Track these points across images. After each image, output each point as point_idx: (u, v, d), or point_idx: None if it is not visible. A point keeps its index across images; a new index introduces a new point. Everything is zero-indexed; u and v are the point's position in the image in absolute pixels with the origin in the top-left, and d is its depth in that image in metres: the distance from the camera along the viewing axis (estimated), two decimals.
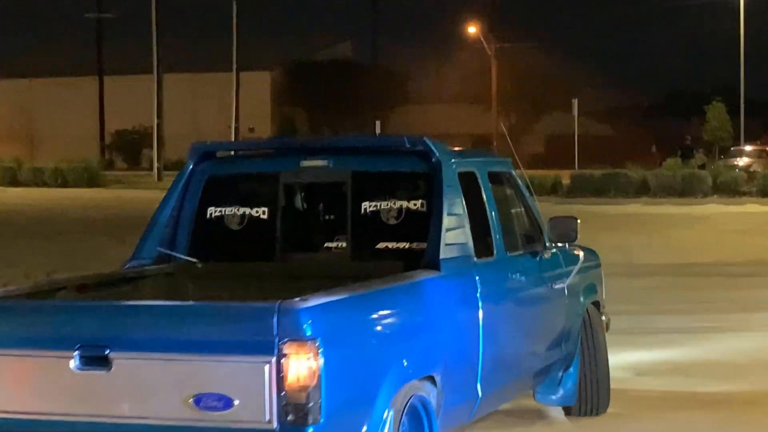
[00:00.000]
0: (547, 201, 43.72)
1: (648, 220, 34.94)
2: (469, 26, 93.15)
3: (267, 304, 5.77)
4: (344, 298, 6.12)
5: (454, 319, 7.17)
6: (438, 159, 7.48)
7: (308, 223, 8.23)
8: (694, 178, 47.28)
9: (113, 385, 5.84)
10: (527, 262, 8.56)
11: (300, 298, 5.72)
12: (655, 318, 15.13)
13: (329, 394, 5.60)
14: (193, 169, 8.19)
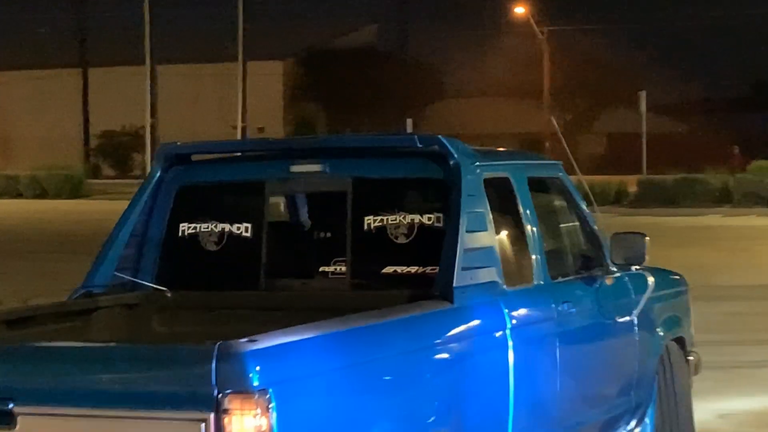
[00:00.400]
0: (609, 212, 43.52)
1: (729, 234, 35.18)
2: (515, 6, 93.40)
3: (203, 346, 5.22)
4: (307, 339, 5.50)
5: (469, 364, 6.59)
6: (456, 162, 6.91)
7: (300, 242, 7.76)
8: None
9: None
10: (580, 290, 7.91)
11: (248, 339, 5.19)
12: (742, 349, 15.27)
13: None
14: (161, 177, 7.68)
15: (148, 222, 7.57)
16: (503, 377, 6.72)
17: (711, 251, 29.08)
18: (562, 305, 7.46)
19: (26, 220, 43.41)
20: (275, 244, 7.42)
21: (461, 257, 6.54)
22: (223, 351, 4.98)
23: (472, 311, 6.62)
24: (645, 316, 8.36)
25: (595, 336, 7.98)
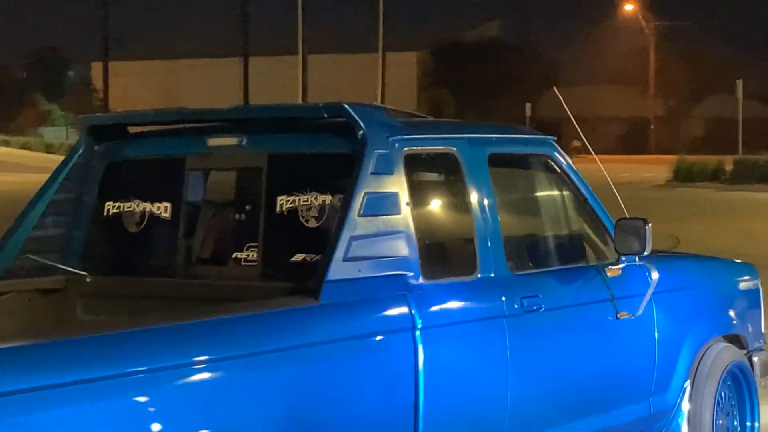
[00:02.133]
0: (708, 188, 44.75)
1: None
2: (625, 3, 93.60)
3: None
4: (40, 344, 4.26)
5: (344, 366, 5.03)
6: (365, 134, 5.37)
7: (217, 225, 6.19)
8: None
9: None
10: (558, 283, 6.24)
11: None
12: None
13: None
14: (84, 151, 6.33)
15: (73, 199, 6.34)
16: (408, 381, 5.22)
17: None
18: (523, 301, 5.84)
19: None
20: (193, 226, 6.10)
21: (345, 246, 5.11)
22: None
23: (349, 309, 5.13)
24: (669, 308, 6.80)
25: (578, 332, 6.35)
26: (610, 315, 6.35)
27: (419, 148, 5.67)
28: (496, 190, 5.94)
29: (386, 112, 5.77)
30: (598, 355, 6.39)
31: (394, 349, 5.18)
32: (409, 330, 5.22)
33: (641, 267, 6.46)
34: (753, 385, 7.29)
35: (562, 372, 6.12)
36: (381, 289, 5.23)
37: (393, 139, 5.48)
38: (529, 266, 6.17)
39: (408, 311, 5.24)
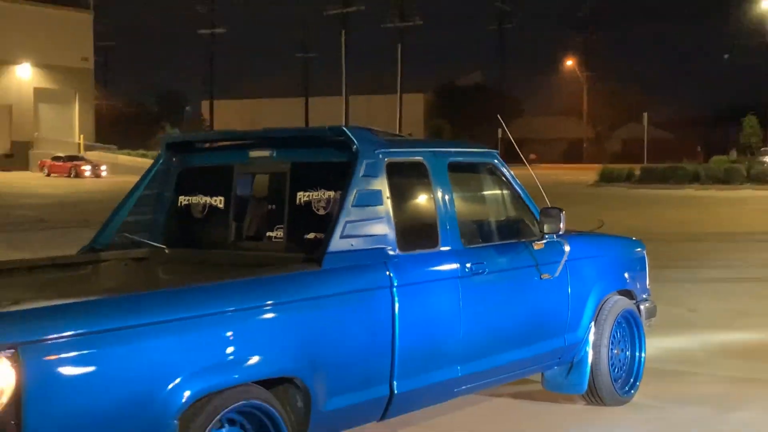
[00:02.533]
0: (623, 186, 44.36)
1: (699, 201, 33.87)
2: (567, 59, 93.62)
3: None
4: (67, 304, 3.93)
5: (339, 313, 4.94)
6: (357, 148, 5.33)
7: (256, 212, 6.04)
8: (733, 170, 46.05)
9: None
10: (497, 254, 6.03)
11: (6, 302, 3.78)
12: (706, 272, 14.36)
13: (34, 415, 3.60)
14: (164, 160, 6.27)
15: (154, 195, 6.22)
16: (386, 323, 5.13)
17: (687, 211, 28.13)
18: (472, 266, 5.71)
19: None
20: (239, 214, 6.00)
21: (342, 227, 5.06)
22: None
23: (344, 272, 5.02)
24: (578, 271, 6.55)
25: (512, 288, 6.14)
26: (535, 276, 6.20)
27: (397, 158, 5.57)
28: (453, 188, 5.84)
29: (374, 132, 5.64)
30: (526, 305, 6.20)
31: (377, 301, 5.10)
32: (387, 287, 5.15)
33: (558, 242, 6.27)
34: (640, 326, 7.15)
35: (500, 316, 5.96)
36: (368, 258, 5.15)
37: (378, 151, 5.42)
38: (477, 242, 5.96)
39: (387, 274, 5.17)
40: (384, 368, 5.09)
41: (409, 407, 5.47)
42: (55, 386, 3.69)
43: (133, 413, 3.95)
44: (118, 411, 3.90)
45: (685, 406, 6.94)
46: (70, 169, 55.03)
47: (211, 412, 4.20)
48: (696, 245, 18.53)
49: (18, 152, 65.50)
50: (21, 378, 3.57)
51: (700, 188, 43.32)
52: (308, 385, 4.64)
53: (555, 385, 6.76)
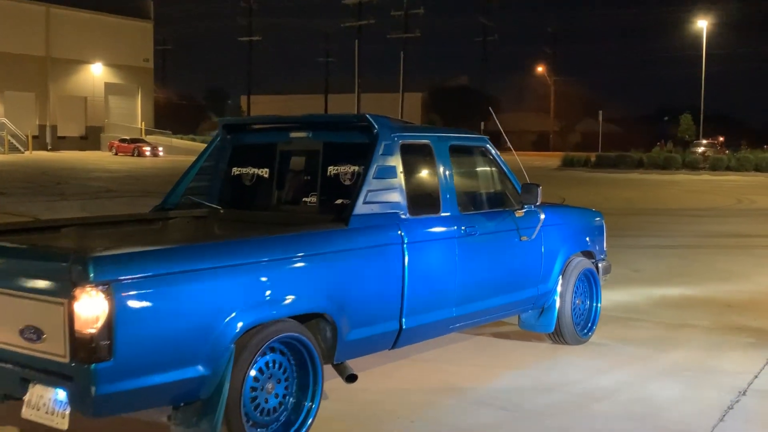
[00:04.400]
0: (579, 170, 44.05)
1: (642, 183, 33.74)
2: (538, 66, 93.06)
3: (66, 251, 3.94)
4: (150, 250, 3.99)
5: (364, 264, 4.97)
6: (377, 132, 5.35)
7: (294, 182, 5.98)
8: (671, 158, 45.92)
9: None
10: (487, 219, 6.01)
11: (101, 248, 3.88)
12: (647, 240, 14.31)
13: (122, 336, 3.71)
14: (220, 138, 6.22)
15: (212, 166, 6.19)
16: (398, 272, 5.14)
17: (633, 191, 27.85)
18: (466, 229, 5.71)
19: None
20: (281, 182, 5.98)
21: (365, 195, 5.07)
22: (76, 256, 3.74)
23: (366, 231, 5.01)
24: (550, 235, 6.53)
25: (498, 246, 6.09)
26: (516, 238, 6.20)
27: (408, 141, 5.56)
28: (453, 166, 5.82)
29: (390, 120, 5.64)
30: (508, 261, 6.19)
31: (391, 254, 5.12)
32: (399, 244, 5.17)
33: (535, 211, 6.32)
34: (598, 281, 7.15)
35: (488, 269, 5.96)
36: (384, 220, 5.16)
37: (394, 135, 5.43)
38: (470, 209, 5.93)
39: (399, 233, 5.19)
40: (395, 308, 5.14)
41: (414, 339, 5.50)
42: (138, 314, 3.78)
43: (199, 338, 4.01)
44: (187, 336, 3.97)
45: (630, 345, 7.01)
46: (133, 149, 54.90)
47: (260, 340, 4.25)
48: (639, 218, 18.41)
49: (91, 135, 65.77)
50: (112, 308, 3.68)
51: (643, 173, 43.14)
52: (335, 320, 4.68)
53: (528, 325, 6.78)
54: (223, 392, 4.05)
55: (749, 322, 7.90)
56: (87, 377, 3.68)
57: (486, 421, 5.01)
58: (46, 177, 29.94)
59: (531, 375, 6.04)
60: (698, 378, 6.00)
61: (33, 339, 3.86)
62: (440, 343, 6.71)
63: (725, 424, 4.99)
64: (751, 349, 6.82)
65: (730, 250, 13.40)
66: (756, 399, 5.51)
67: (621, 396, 5.56)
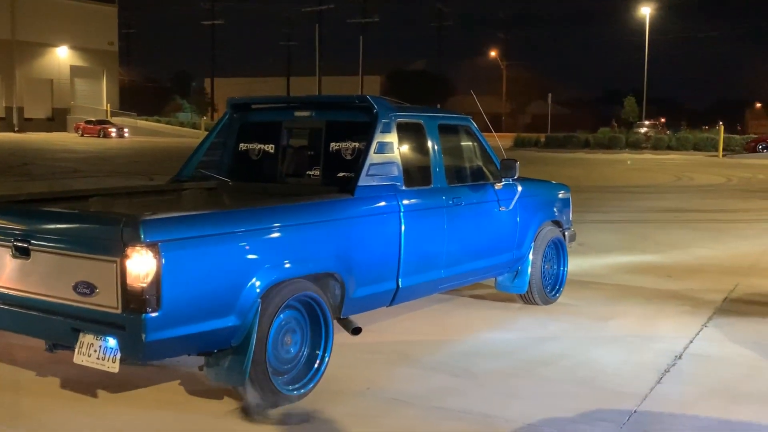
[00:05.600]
0: (530, 150, 44.31)
1: (588, 162, 34.02)
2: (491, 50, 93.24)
3: (118, 215, 4.18)
4: (190, 215, 4.27)
5: (366, 230, 5.21)
6: (376, 111, 5.55)
7: (298, 157, 6.15)
8: (615, 139, 46.56)
9: (31, 270, 4.39)
10: (471, 191, 6.23)
11: (150, 212, 4.10)
12: (593, 215, 14.33)
13: (168, 289, 3.95)
14: (228, 117, 6.39)
15: (221, 142, 6.38)
16: (396, 237, 5.38)
17: (580, 170, 27.99)
18: (453, 199, 5.95)
19: None
20: (286, 157, 6.18)
21: (367, 169, 5.27)
22: (127, 219, 3.99)
23: (369, 200, 5.25)
24: (524, 206, 6.78)
25: (480, 216, 6.32)
26: (495, 208, 6.47)
27: (404, 120, 5.77)
28: (442, 142, 6.04)
29: (388, 101, 5.83)
30: (489, 228, 6.46)
31: (390, 221, 5.37)
32: (397, 212, 5.42)
33: (513, 184, 6.58)
34: (565, 248, 7.43)
35: (471, 236, 6.21)
36: (384, 191, 5.39)
37: (391, 114, 5.65)
38: (457, 182, 6.16)
39: (397, 202, 5.44)
40: (393, 269, 5.41)
41: (409, 297, 5.78)
42: (181, 271, 4.05)
43: (231, 293, 4.27)
44: (221, 291, 4.23)
45: (592, 302, 7.43)
46: (99, 130, 53.98)
47: (281, 296, 4.50)
48: (584, 195, 18.36)
49: (58, 117, 64.57)
50: (160, 265, 3.93)
51: (590, 152, 43.51)
52: (344, 279, 4.97)
53: (504, 286, 7.07)
54: (251, 341, 4.31)
55: (686, 291, 8.05)
56: (138, 326, 3.94)
57: (438, 385, 5.04)
58: (14, 158, 29.30)
59: (482, 340, 6.10)
60: (638, 343, 6.10)
61: (86, 293, 4.12)
62: (425, 303, 6.94)
63: (662, 386, 5.09)
64: (688, 316, 6.95)
65: (670, 224, 13.55)
66: (691, 362, 5.62)
67: (566, 361, 5.64)
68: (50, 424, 4.39)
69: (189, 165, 6.30)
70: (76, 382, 4.88)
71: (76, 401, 4.66)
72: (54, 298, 4.28)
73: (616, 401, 4.77)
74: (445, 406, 4.66)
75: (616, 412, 4.57)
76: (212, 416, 4.46)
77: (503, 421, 4.45)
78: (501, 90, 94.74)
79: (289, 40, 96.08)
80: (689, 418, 4.52)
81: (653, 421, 4.47)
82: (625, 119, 67.86)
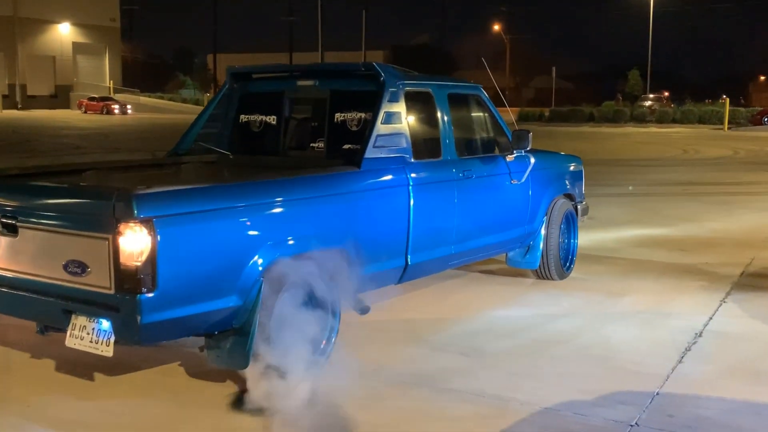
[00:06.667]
0: (534, 124, 42.94)
1: (593, 135, 33.74)
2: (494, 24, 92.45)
3: (110, 189, 3.84)
4: (187, 189, 3.94)
5: (374, 203, 4.95)
6: (383, 80, 5.25)
7: (301, 128, 5.88)
8: (620, 112, 46.41)
9: (19, 248, 4.12)
10: (482, 163, 5.95)
11: (143, 186, 3.78)
12: (600, 189, 13.80)
13: (164, 268, 3.68)
14: (228, 87, 6.09)
15: (221, 113, 6.08)
16: (404, 212, 5.12)
17: (584, 143, 27.76)
18: (463, 171, 5.67)
19: None
20: (289, 129, 5.88)
21: (374, 140, 4.99)
22: (119, 194, 3.70)
23: (376, 173, 4.97)
24: (537, 179, 6.49)
25: (491, 189, 6.08)
26: (507, 181, 6.19)
27: (412, 88, 5.46)
28: (451, 112, 5.75)
29: (396, 69, 5.54)
30: (501, 202, 6.20)
31: (398, 195, 5.10)
32: (406, 185, 5.14)
33: (525, 156, 6.32)
34: (575, 221, 7.20)
35: (482, 210, 5.95)
36: (392, 163, 5.11)
37: (399, 83, 5.35)
38: (467, 154, 5.88)
39: (405, 175, 5.16)
40: (402, 245, 5.14)
41: (418, 274, 5.51)
42: (178, 248, 3.76)
43: (232, 271, 3.99)
44: (221, 269, 3.95)
45: (605, 277, 7.20)
46: (102, 107, 53.68)
47: (285, 274, 4.20)
48: (590, 168, 17.80)
49: (61, 94, 64.21)
50: (155, 242, 3.65)
51: (594, 126, 43.23)
52: (351, 255, 4.63)
53: (515, 262, 6.84)
54: (254, 321, 4.03)
55: (701, 265, 7.81)
56: (132, 307, 3.67)
57: (448, 365, 4.81)
58: (17, 135, 29.11)
59: (493, 318, 5.86)
60: (655, 320, 5.86)
61: (77, 273, 3.85)
62: (436, 279, 6.72)
63: (684, 366, 4.83)
64: (705, 292, 6.71)
65: (679, 197, 13.35)
66: (712, 340, 5.37)
67: (581, 339, 5.39)
68: (39, 406, 4.21)
69: (187, 138, 5.99)
70: (71, 364, 4.71)
71: (69, 384, 4.50)
72: (44, 278, 4.02)
73: (635, 382, 4.51)
74: (456, 388, 4.43)
75: (637, 394, 4.32)
76: (212, 400, 4.25)
77: (518, 404, 4.20)
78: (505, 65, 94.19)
79: (290, 15, 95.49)
80: (714, 401, 4.27)
81: (677, 404, 4.21)
82: (629, 93, 67.42)
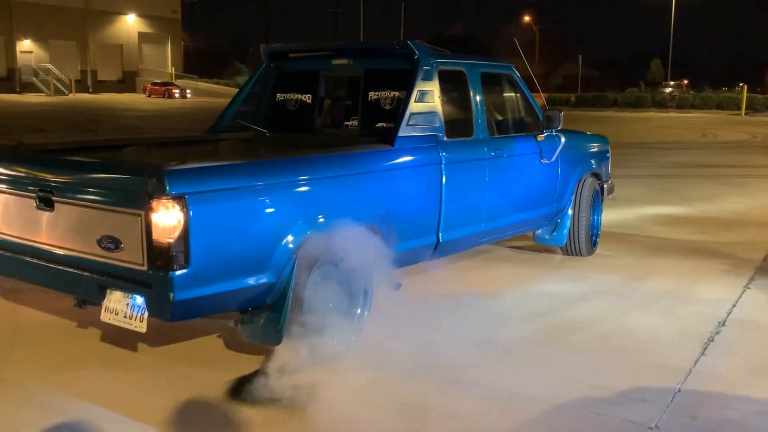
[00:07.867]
0: (563, 109, 41.60)
1: (617, 120, 32.96)
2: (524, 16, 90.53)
3: (142, 165, 3.63)
4: (220, 165, 3.66)
5: (407, 181, 4.62)
6: (418, 58, 4.91)
7: (336, 107, 5.55)
8: (642, 98, 45.36)
9: (55, 222, 3.85)
10: (513, 142, 5.61)
11: (176, 162, 3.50)
12: (622, 170, 13.30)
13: (197, 245, 3.41)
14: (265, 66, 5.81)
15: (258, 92, 5.81)
16: (437, 190, 4.79)
17: (608, 127, 26.66)
18: (495, 150, 5.32)
19: None
20: (323, 107, 5.59)
21: (407, 118, 4.67)
22: (151, 170, 3.41)
23: (409, 151, 4.64)
24: (566, 158, 6.16)
25: (522, 168, 5.71)
26: (537, 160, 5.84)
27: (446, 67, 5.10)
28: (484, 92, 5.40)
29: (430, 47, 5.16)
30: (531, 181, 5.85)
31: (430, 173, 4.77)
32: (438, 164, 4.81)
33: (556, 135, 5.99)
34: (600, 200, 6.84)
35: (512, 189, 5.60)
36: (425, 141, 4.78)
37: (433, 61, 5.00)
38: (498, 133, 5.53)
39: (438, 154, 4.83)
40: (433, 223, 4.85)
41: (449, 251, 5.19)
42: (211, 225, 3.49)
43: (265, 248, 3.71)
44: (254, 246, 3.68)
45: (628, 257, 6.81)
46: (164, 91, 53.78)
47: (319, 251, 3.90)
48: (615, 150, 17.52)
49: (127, 79, 64.80)
50: (187, 219, 3.39)
51: (617, 111, 42.23)
52: (383, 233, 4.35)
53: (542, 239, 6.55)
54: (288, 298, 3.76)
55: (724, 247, 7.23)
56: (165, 284, 3.42)
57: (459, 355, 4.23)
58: (83, 116, 29.13)
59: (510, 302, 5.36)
60: (677, 306, 5.26)
61: (111, 248, 3.61)
62: (466, 255, 6.41)
63: (706, 359, 4.25)
64: (727, 276, 6.11)
65: (698, 178, 12.72)
66: (735, 329, 4.77)
67: (600, 327, 4.83)
68: (75, 379, 3.93)
69: (226, 115, 5.73)
70: (115, 335, 4.40)
71: (111, 355, 4.23)
72: (79, 253, 3.76)
73: (656, 377, 3.95)
74: (465, 379, 3.88)
75: (658, 391, 3.76)
76: (240, 376, 3.90)
77: (528, 400, 3.64)
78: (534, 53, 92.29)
79: (336, 7, 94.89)
80: (741, 400, 3.70)
81: (700, 403, 3.65)
82: (651, 80, 65.60)
